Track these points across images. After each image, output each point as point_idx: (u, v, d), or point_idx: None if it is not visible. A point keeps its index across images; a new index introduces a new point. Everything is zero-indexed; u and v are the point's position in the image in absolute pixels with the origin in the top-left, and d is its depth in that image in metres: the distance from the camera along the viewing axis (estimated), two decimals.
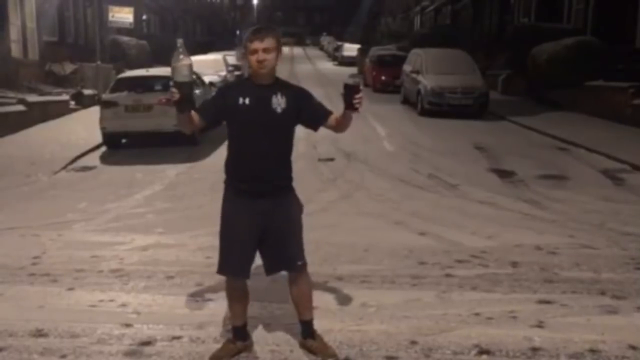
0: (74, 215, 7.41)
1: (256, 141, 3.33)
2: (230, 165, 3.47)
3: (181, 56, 3.17)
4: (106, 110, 11.98)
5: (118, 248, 5.91)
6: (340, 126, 3.43)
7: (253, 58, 3.26)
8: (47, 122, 15.08)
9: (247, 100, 3.32)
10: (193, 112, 3.35)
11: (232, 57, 23.54)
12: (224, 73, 19.02)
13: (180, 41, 3.24)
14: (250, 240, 3.41)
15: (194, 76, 13.72)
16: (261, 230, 3.40)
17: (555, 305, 4.33)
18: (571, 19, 20.00)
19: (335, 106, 3.71)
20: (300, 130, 3.55)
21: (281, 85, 3.41)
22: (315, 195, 7.92)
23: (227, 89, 3.51)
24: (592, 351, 3.61)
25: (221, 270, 3.48)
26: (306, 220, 3.62)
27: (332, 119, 3.43)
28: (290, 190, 3.51)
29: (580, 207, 7.57)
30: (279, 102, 3.32)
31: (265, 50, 3.25)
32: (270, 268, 3.52)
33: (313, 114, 3.44)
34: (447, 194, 8.41)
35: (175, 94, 3.18)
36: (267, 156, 3.34)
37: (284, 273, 3.67)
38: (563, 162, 10.60)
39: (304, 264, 3.50)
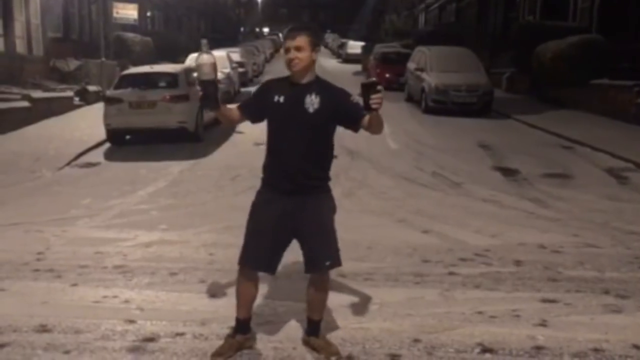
0: (78, 211, 7.42)
1: (288, 139, 3.33)
2: (266, 162, 3.47)
3: (204, 55, 3.24)
4: (110, 106, 12.00)
5: (122, 244, 5.92)
6: (372, 127, 3.30)
7: (285, 56, 3.28)
8: (51, 118, 15.09)
9: (281, 99, 3.33)
10: (234, 108, 3.47)
11: (236, 54, 23.51)
12: (227, 70, 19.00)
13: (204, 41, 3.34)
14: (276, 237, 3.39)
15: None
16: (291, 229, 3.40)
17: (558, 304, 4.32)
18: (576, 17, 19.93)
19: None
20: None
21: (318, 85, 3.37)
22: None
23: (267, 86, 3.50)
24: (596, 350, 3.60)
25: (241, 261, 3.46)
26: None
27: (365, 120, 3.30)
28: (324, 190, 3.47)
29: (584, 205, 7.56)
30: (312, 102, 3.30)
31: (296, 49, 3.24)
32: (306, 267, 3.47)
33: (348, 115, 3.34)
34: (451, 192, 8.40)
35: (199, 91, 3.28)
36: (298, 155, 3.32)
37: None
38: (567, 160, 10.58)
39: (333, 265, 3.45)
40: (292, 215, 3.37)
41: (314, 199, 3.41)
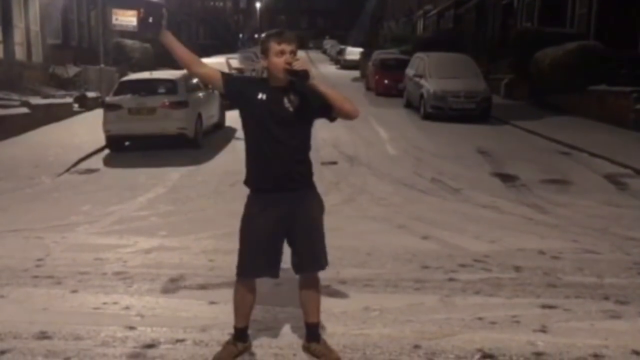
0: (78, 218, 7.43)
1: (272, 140, 3.34)
2: (249, 167, 3.48)
3: None
4: (109, 113, 12.01)
5: (122, 251, 5.92)
6: (336, 110, 3.35)
7: (281, 60, 3.28)
8: (50, 124, 15.10)
9: (264, 97, 3.37)
10: (215, 70, 3.44)
11: (235, 60, 23.57)
12: None
13: None
14: (272, 241, 3.42)
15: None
16: (285, 230, 3.43)
17: (558, 310, 4.33)
18: (574, 24, 20.00)
19: None
20: None
21: (293, 86, 3.41)
22: None
23: (251, 81, 3.55)
24: (596, 356, 3.61)
25: (240, 272, 3.48)
26: None
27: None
28: (311, 188, 3.51)
29: (583, 211, 7.57)
30: (292, 101, 3.35)
31: (292, 52, 3.31)
32: (299, 267, 3.51)
33: (323, 107, 3.38)
34: (450, 198, 8.41)
35: (141, 12, 3.24)
36: (284, 155, 3.34)
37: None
38: (566, 166, 10.60)
39: (326, 263, 3.52)
40: (286, 217, 3.40)
41: (305, 198, 3.45)
